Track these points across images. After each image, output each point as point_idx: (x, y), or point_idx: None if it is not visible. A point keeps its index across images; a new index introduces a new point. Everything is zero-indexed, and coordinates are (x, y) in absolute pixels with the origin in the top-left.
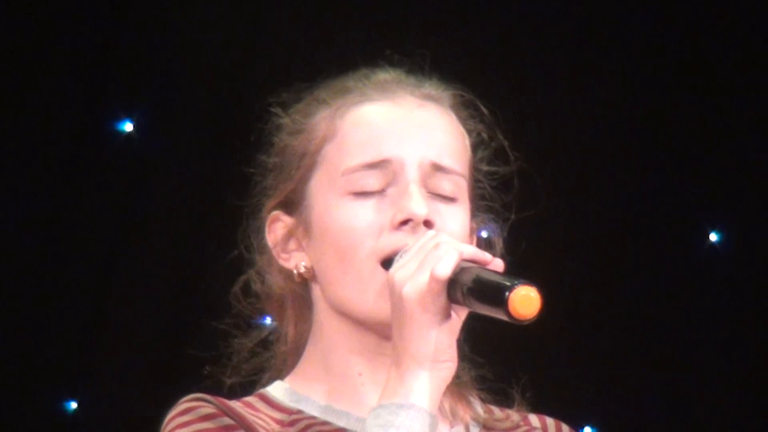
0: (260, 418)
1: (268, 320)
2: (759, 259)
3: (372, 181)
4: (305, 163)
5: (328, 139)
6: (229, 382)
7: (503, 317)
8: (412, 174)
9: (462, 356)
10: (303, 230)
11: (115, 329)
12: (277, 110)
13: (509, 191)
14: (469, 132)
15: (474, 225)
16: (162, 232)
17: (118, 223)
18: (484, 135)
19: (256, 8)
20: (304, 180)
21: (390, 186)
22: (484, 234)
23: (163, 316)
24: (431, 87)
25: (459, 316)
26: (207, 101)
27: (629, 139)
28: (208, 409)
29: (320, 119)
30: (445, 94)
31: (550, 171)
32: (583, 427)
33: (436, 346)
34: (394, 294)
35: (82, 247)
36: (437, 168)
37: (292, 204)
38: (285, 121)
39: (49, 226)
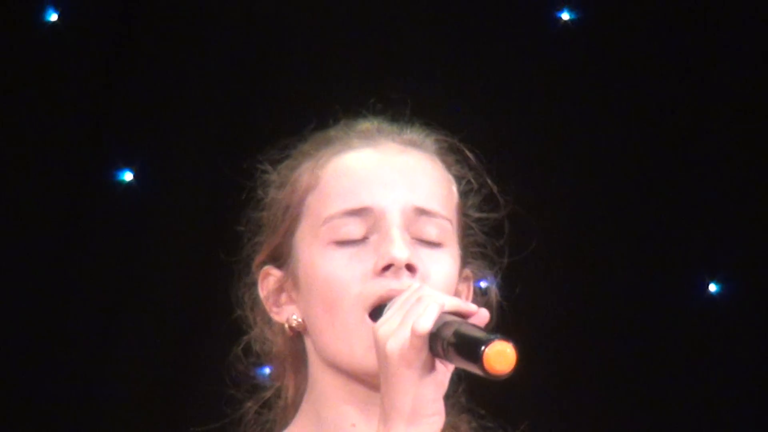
0: None
1: (267, 371)
2: (758, 310)
3: (353, 228)
4: (290, 215)
5: (311, 189)
6: None
7: (479, 372)
8: (394, 219)
9: (460, 407)
10: (292, 283)
11: (114, 387)
12: (266, 166)
13: (501, 236)
14: (456, 178)
15: (470, 273)
16: (164, 280)
17: (119, 274)
18: (473, 180)
19: (254, 59)
20: (290, 232)
21: (372, 233)
22: (482, 284)
23: (163, 372)
24: (414, 133)
25: (447, 368)
26: (206, 152)
27: (627, 186)
28: None
29: (303, 170)
30: (429, 140)
31: (543, 215)
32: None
33: (421, 400)
34: (378, 349)
35: (83, 297)
36: (421, 212)
37: (281, 257)
38: (273, 176)
39: (50, 276)
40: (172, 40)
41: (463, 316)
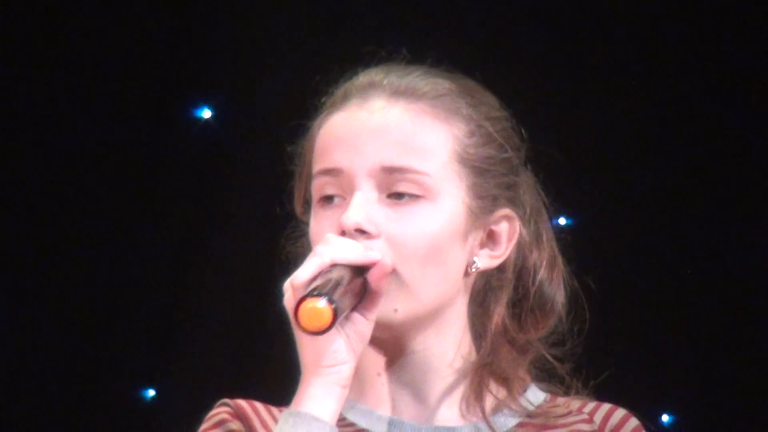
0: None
1: None
2: None
3: (331, 188)
4: (306, 169)
5: (312, 146)
6: None
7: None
8: (358, 182)
9: (524, 347)
10: None
11: (190, 328)
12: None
13: (538, 177)
14: (466, 120)
15: (510, 212)
16: (240, 221)
17: (197, 212)
18: (493, 128)
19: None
20: (309, 183)
21: (347, 194)
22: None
23: (240, 307)
24: (420, 77)
25: (365, 318)
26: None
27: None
28: (223, 415)
29: (314, 126)
30: (438, 85)
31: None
32: (660, 414)
33: (321, 352)
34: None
35: (161, 235)
36: (392, 170)
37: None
38: (311, 125)
39: (128, 216)
40: None
41: (364, 267)
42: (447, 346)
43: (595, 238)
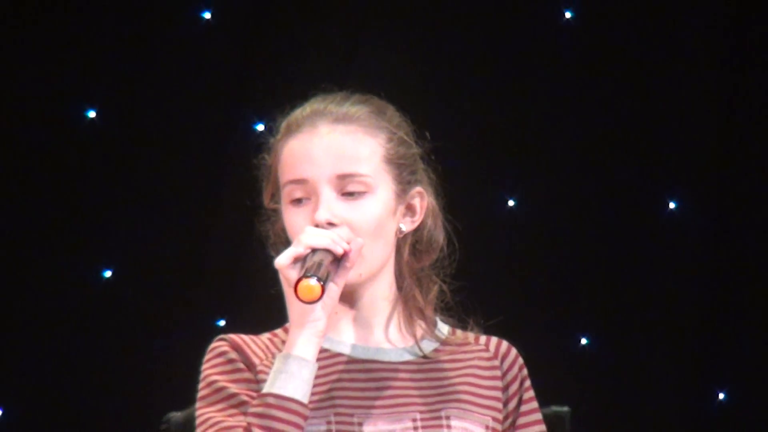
0: (266, 350)
1: None
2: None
3: (298, 192)
4: (273, 176)
5: (278, 162)
6: None
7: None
8: (321, 188)
9: (427, 280)
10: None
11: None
12: (268, 133)
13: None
14: (387, 131)
15: (421, 190)
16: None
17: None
18: (400, 133)
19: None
20: (276, 187)
21: (312, 196)
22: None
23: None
24: (349, 106)
25: (338, 286)
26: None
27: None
28: (222, 348)
29: (276, 145)
30: (358, 111)
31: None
32: (579, 337)
33: (302, 313)
34: None
35: (224, 224)
36: (343, 176)
37: (278, 201)
38: (270, 142)
39: (201, 202)
40: (302, 13)
41: (337, 251)
42: (384, 288)
43: (532, 214)
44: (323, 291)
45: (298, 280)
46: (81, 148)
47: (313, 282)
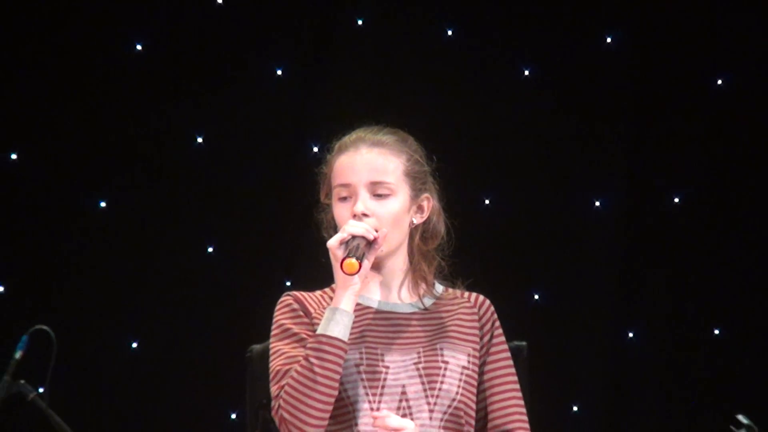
0: (319, 303)
1: None
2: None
3: (344, 192)
4: (328, 179)
5: (331, 171)
6: None
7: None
8: (359, 190)
9: (430, 257)
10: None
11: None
12: (326, 151)
13: (439, 177)
14: (407, 154)
15: (429, 195)
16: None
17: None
18: (416, 156)
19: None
20: (330, 188)
21: (354, 195)
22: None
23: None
24: (381, 135)
25: (369, 261)
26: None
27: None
28: (288, 301)
29: (331, 159)
30: (389, 139)
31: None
32: (533, 292)
33: (345, 280)
34: None
35: (282, 216)
36: (375, 183)
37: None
38: (327, 156)
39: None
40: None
41: (369, 237)
42: (400, 262)
43: (503, 210)
44: (360, 266)
45: (343, 259)
46: (190, 162)
47: (353, 260)
